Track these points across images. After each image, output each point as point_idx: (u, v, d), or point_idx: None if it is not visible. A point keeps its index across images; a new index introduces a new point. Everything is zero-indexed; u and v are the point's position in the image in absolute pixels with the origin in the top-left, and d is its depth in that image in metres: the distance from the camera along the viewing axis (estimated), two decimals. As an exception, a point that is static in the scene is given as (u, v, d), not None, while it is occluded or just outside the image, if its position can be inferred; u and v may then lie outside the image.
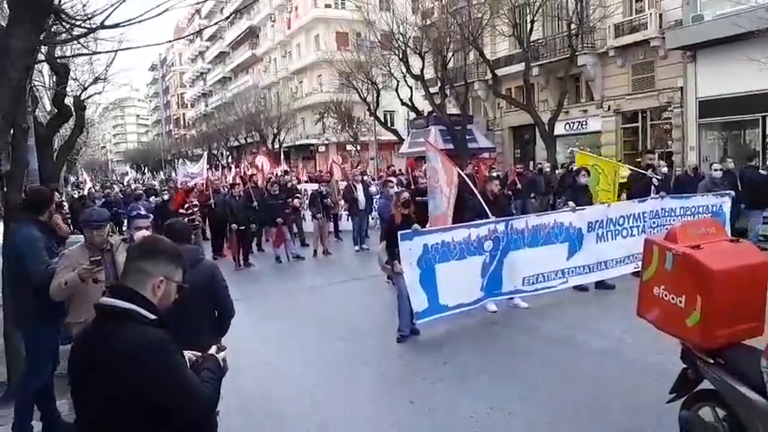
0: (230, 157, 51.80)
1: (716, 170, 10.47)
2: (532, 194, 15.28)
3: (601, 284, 8.29)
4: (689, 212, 8.71)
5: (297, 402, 5.13)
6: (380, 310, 8.12)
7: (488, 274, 7.28)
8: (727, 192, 9.37)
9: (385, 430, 4.58)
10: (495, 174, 12.48)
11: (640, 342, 5.52)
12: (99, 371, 1.93)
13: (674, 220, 8.35)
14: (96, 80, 12.29)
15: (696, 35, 18.65)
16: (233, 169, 26.21)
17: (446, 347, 6.43)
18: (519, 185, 14.96)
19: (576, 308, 7.67)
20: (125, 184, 32.97)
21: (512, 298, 7.68)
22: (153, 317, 2.04)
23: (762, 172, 11.07)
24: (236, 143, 50.58)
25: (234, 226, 11.93)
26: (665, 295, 3.51)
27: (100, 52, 7.51)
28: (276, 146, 41.55)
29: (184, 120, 79.66)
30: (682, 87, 20.23)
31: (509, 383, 5.27)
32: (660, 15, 20.61)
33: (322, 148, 41.88)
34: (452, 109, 28.46)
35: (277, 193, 12.76)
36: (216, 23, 51.92)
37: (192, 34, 53.05)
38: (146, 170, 70.64)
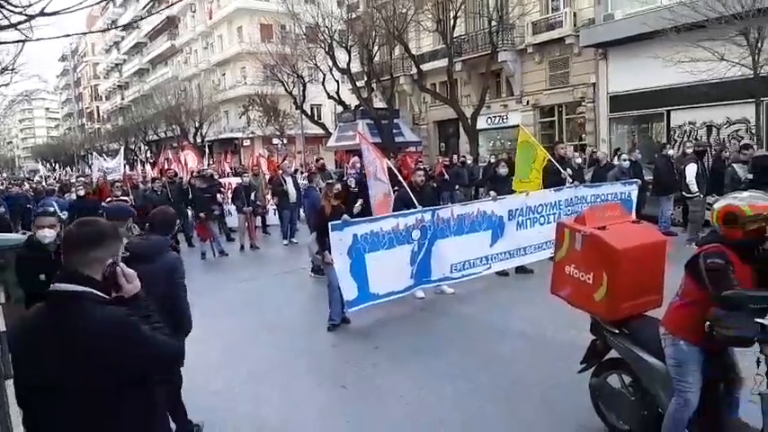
0: (149, 152, 49.76)
1: (624, 160, 11.23)
2: (458, 186, 15.77)
3: (521, 269, 8.75)
4: (600, 199, 9.28)
5: (229, 394, 5.14)
6: (310, 301, 8.21)
7: (417, 262, 7.51)
8: (634, 180, 10.10)
9: (317, 416, 4.69)
10: (421, 166, 12.80)
11: (556, 320, 5.90)
12: (66, 352, 1.96)
13: (586, 206, 8.90)
14: (3, 71, 11.54)
15: (607, 34, 19.75)
16: (150, 164, 25.29)
17: (377, 334, 6.61)
18: (447, 177, 15.38)
19: (498, 292, 8.07)
20: (35, 180, 31.07)
21: (439, 285, 7.95)
22: (108, 297, 2.11)
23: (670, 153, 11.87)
24: (156, 137, 48.67)
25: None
26: (576, 273, 3.82)
27: (6, 42, 7.07)
28: (199, 140, 40.37)
29: (98, 113, 75.74)
30: (594, 83, 21.40)
31: (438, 366, 5.50)
32: (574, 14, 21.66)
33: (247, 142, 41.09)
34: (379, 103, 28.71)
35: (204, 187, 12.50)
36: (134, 22, 49.52)
37: (109, 28, 50.36)
38: (57, 166, 66.63)
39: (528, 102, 24.21)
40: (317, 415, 4.71)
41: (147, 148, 51.08)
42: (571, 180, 9.43)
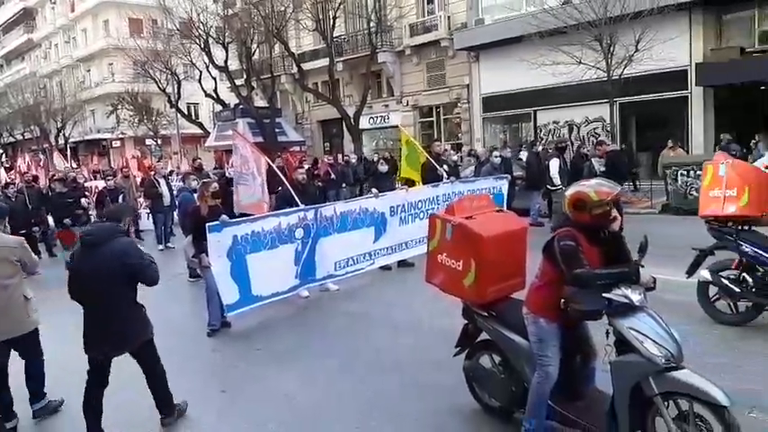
0: (4, 155, 45.04)
1: (496, 157, 11.90)
2: (344, 184, 15.91)
3: (403, 263, 8.99)
4: (475, 194, 9.76)
5: (106, 404, 4.80)
6: (189, 307, 7.87)
7: (302, 261, 7.46)
8: (504, 176, 10.75)
9: (195, 422, 4.52)
10: (305, 165, 12.79)
11: (434, 309, 6.12)
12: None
13: (462, 201, 9.33)
14: None
15: (478, 37, 20.85)
16: (6, 168, 22.90)
17: (259, 335, 6.48)
18: (333, 176, 15.43)
19: (382, 286, 8.23)
20: None
21: (323, 283, 7.95)
22: None
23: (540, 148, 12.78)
24: (12, 139, 44.19)
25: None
26: (447, 261, 4.00)
27: None
28: (62, 141, 37.22)
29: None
30: (468, 85, 22.48)
31: (322, 362, 5.51)
32: (448, 18, 22.60)
33: (117, 143, 38.52)
34: (260, 101, 28.17)
35: (65, 191, 11.53)
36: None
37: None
38: None
39: (408, 102, 24.90)
40: (194, 421, 4.53)
41: (1, 151, 46.19)
42: (447, 176, 9.82)
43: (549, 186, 11.15)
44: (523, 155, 14.02)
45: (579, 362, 3.67)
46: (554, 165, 10.99)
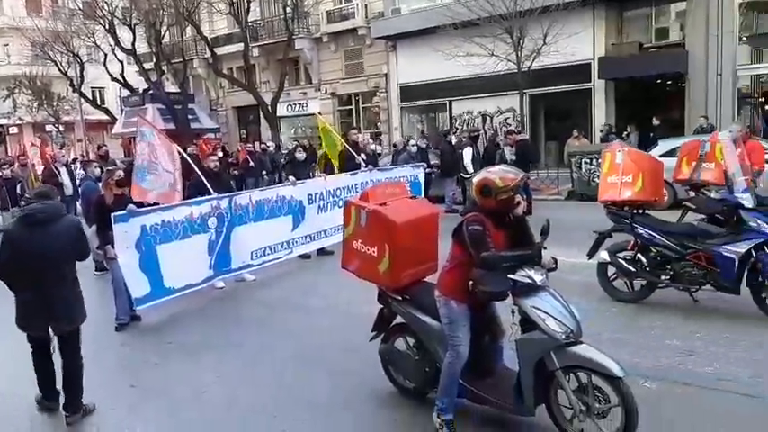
0: None
1: (413, 146, 12.10)
2: (264, 172, 15.61)
3: (321, 251, 8.98)
4: (392, 182, 9.89)
5: (8, 402, 4.53)
6: (96, 301, 7.42)
7: (216, 251, 7.28)
8: (421, 164, 10.97)
9: (103, 418, 4.34)
10: (219, 152, 12.45)
11: (352, 296, 6.15)
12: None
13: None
14: None
15: (395, 27, 20.98)
16: None
17: (172, 328, 6.29)
18: (252, 164, 15.08)
19: (300, 274, 8.19)
20: None
21: (240, 273, 7.80)
22: None
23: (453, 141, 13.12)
24: None
25: None
26: (362, 248, 4.04)
27: None
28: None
29: None
30: (386, 74, 22.60)
31: (237, 352, 5.42)
32: (365, 6, 22.57)
33: (14, 130, 35.69)
34: (171, 87, 27.00)
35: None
36: None
37: None
38: None
39: (326, 90, 24.72)
40: (102, 416, 4.35)
41: None
42: (365, 165, 9.88)
43: (462, 174, 11.47)
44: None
45: (488, 341, 3.83)
46: (467, 153, 11.32)
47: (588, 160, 12.58)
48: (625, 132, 15.63)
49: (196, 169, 7.83)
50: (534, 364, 3.38)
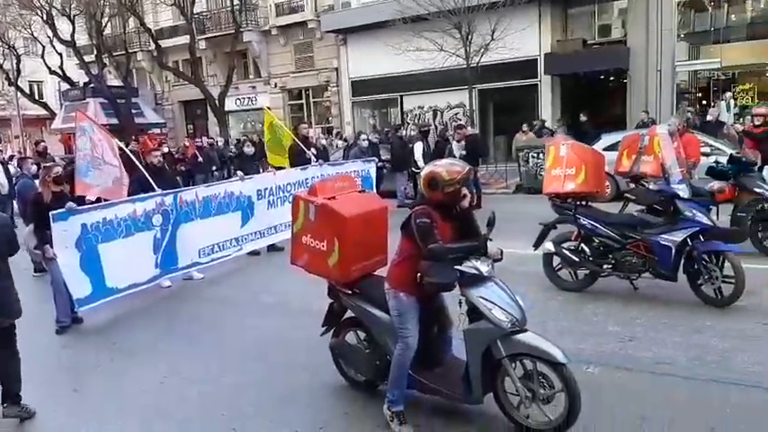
0: None
1: (363, 140, 12.09)
2: (214, 168, 15.30)
3: (272, 247, 8.87)
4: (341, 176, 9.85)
5: None
6: (35, 304, 7.11)
7: (162, 249, 7.08)
8: (372, 158, 10.97)
9: (42, 423, 4.18)
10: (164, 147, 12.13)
11: (303, 292, 6.10)
12: None
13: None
14: None
15: (345, 20, 20.87)
16: None
17: (116, 330, 6.09)
18: (200, 159, 14.75)
19: (250, 271, 8.09)
20: None
21: (187, 271, 7.62)
22: None
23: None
24: None
25: None
26: (311, 242, 4.02)
27: None
28: None
29: None
30: (337, 68, 22.47)
31: (183, 352, 5.31)
32: (315, -1, 22.37)
33: (-58, 126, 33.79)
34: (114, 80, 26.10)
35: None
36: None
37: None
38: None
39: (276, 84, 24.39)
40: (42, 422, 4.18)
41: None
42: (316, 159, 9.81)
43: (413, 169, 11.54)
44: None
45: (437, 332, 3.87)
46: (418, 148, 11.40)
47: (535, 154, 12.86)
48: (554, 126, 16.07)
49: (138, 165, 7.59)
50: (481, 353, 3.44)
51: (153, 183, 7.16)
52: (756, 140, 7.63)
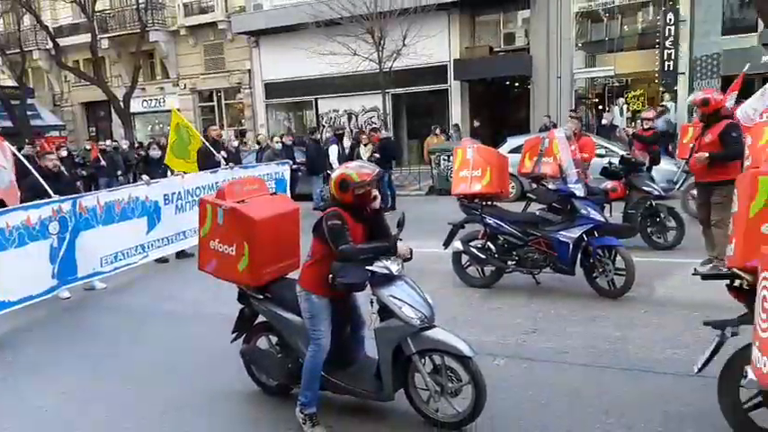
0: None
1: (277, 143, 11.96)
2: (119, 172, 14.56)
3: (181, 254, 8.59)
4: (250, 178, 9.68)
5: None
6: None
7: (59, 258, 6.66)
8: (286, 161, 10.86)
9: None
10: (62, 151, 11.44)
11: (212, 298, 5.98)
12: None
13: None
14: None
15: (257, 22, 20.54)
16: None
17: (9, 344, 5.68)
18: (103, 163, 13.99)
19: (156, 279, 7.81)
20: None
21: (89, 280, 7.22)
22: None
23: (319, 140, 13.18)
24: None
25: None
26: (220, 247, 3.94)
27: None
28: None
29: None
30: (249, 70, 22.07)
31: (86, 366, 5.03)
32: (226, 0, 21.84)
33: None
34: (8, 80, 24.27)
35: None
36: None
37: None
38: None
39: (185, 85, 23.61)
40: None
41: None
42: (226, 162, 9.58)
43: (329, 171, 11.54)
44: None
45: (349, 332, 3.91)
46: (333, 151, 11.43)
47: (446, 157, 13.23)
48: (451, 131, 16.72)
49: (32, 170, 7.11)
50: (392, 350, 3.51)
51: (48, 189, 6.73)
52: (645, 143, 8.25)
